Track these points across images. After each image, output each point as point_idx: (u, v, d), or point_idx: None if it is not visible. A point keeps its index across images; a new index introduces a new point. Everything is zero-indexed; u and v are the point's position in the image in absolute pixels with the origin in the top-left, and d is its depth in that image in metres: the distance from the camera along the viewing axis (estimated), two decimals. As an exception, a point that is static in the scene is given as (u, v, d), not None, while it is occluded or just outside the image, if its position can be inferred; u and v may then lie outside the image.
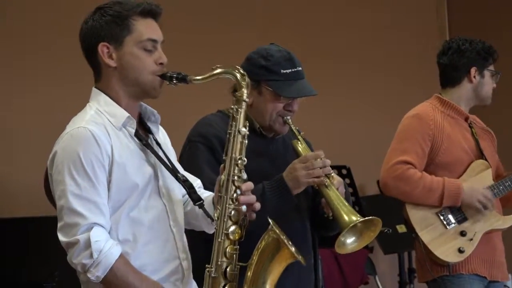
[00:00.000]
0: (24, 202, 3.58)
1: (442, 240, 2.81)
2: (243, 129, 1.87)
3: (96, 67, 1.86)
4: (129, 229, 1.80)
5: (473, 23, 5.33)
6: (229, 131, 1.88)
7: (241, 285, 1.83)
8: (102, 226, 1.73)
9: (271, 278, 1.88)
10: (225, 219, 1.81)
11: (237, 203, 1.82)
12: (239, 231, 1.82)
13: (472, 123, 2.94)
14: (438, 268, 2.83)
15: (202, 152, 2.21)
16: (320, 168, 2.10)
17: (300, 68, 2.27)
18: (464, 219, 2.80)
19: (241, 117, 1.87)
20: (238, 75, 1.87)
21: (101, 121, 1.80)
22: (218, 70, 1.87)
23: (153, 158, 1.88)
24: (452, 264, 2.78)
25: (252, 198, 1.85)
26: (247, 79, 1.88)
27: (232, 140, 1.86)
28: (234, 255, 1.81)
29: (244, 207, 1.82)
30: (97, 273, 1.69)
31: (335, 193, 2.10)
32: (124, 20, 1.82)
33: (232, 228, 1.82)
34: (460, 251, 2.76)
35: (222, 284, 1.81)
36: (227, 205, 1.81)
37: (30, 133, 3.73)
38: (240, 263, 1.83)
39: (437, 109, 2.89)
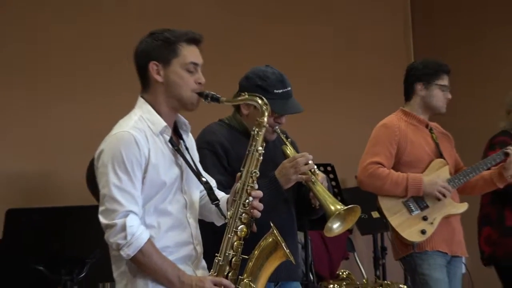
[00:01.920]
0: (72, 193, 3.74)
1: (408, 224, 2.95)
2: (260, 148, 1.95)
3: (146, 80, 1.93)
4: (155, 218, 1.87)
5: (435, 45, 5.48)
6: (249, 149, 1.95)
7: (241, 273, 1.92)
8: (136, 214, 1.80)
9: (266, 270, 1.98)
10: (236, 220, 1.89)
11: (248, 207, 1.90)
12: (246, 230, 1.91)
13: (433, 129, 3.07)
14: (407, 247, 2.96)
15: (209, 158, 2.26)
16: (305, 164, 2.18)
17: (289, 88, 2.31)
18: (426, 206, 2.93)
19: (260, 139, 1.95)
20: (261, 103, 1.96)
21: (142, 127, 1.87)
22: (246, 97, 1.98)
23: (181, 161, 1.94)
24: (416, 243, 2.92)
25: (260, 205, 1.93)
26: (268, 107, 1.94)
27: (251, 156, 1.94)
28: (239, 249, 1.89)
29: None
30: (128, 252, 1.78)
31: (321, 187, 2.20)
32: (172, 45, 1.89)
33: (241, 227, 1.90)
34: (422, 232, 2.90)
35: (227, 271, 1.89)
36: (239, 209, 1.89)
37: (77, 140, 3.87)
38: (243, 256, 1.92)
39: (401, 119, 3.04)
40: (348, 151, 4.20)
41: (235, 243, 1.90)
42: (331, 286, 4.11)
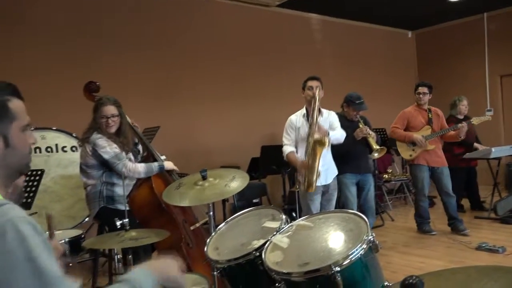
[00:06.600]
0: (278, 139, 4.34)
1: (406, 151, 4.39)
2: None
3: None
4: (298, 147, 3.34)
5: (434, 71, 7.36)
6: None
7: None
8: (290, 145, 3.36)
9: (318, 155, 3.13)
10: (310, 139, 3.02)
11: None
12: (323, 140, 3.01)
13: (431, 111, 4.36)
14: (407, 161, 4.53)
15: None
16: (366, 130, 3.61)
17: (362, 100, 3.77)
18: (415, 145, 4.31)
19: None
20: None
21: (298, 115, 3.34)
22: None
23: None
24: (409, 159, 4.39)
25: (325, 130, 3.04)
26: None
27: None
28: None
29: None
30: (284, 155, 3.32)
31: (373, 139, 3.65)
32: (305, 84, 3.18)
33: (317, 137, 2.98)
34: (410, 155, 4.37)
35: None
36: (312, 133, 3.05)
37: (270, 123, 5.28)
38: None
39: (413, 107, 4.42)
40: (387, 123, 5.32)
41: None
42: (384, 175, 5.98)
